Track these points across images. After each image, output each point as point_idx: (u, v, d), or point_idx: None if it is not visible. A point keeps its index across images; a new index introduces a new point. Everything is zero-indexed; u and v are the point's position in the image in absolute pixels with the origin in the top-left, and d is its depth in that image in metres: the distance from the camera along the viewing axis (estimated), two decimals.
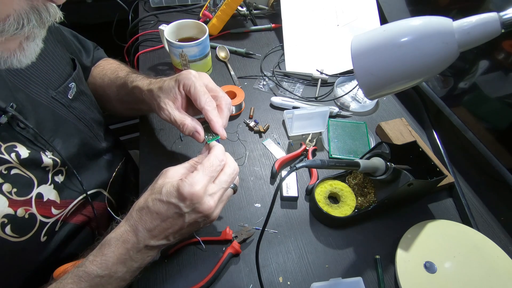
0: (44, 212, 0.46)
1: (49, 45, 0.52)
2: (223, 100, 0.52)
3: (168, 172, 0.43)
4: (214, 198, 0.41)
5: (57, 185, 0.49)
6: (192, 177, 0.40)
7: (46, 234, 0.47)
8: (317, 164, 0.42)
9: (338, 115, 0.75)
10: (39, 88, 0.48)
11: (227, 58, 0.89)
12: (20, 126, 0.44)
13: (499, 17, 0.35)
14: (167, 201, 0.39)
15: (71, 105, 0.54)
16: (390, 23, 0.40)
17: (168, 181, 0.41)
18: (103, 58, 0.74)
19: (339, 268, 0.52)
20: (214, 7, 0.93)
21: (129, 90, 0.59)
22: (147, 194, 0.42)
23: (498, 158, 0.59)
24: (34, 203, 0.44)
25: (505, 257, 0.51)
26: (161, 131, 0.71)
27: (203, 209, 0.40)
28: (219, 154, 0.44)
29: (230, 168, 0.44)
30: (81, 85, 0.58)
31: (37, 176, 0.45)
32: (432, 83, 0.75)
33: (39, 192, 0.45)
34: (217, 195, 0.42)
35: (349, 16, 0.89)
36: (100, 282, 0.39)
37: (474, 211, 0.59)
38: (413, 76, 0.40)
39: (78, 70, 0.57)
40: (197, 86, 0.50)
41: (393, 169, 0.51)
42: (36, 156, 0.45)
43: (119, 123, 1.48)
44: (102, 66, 0.71)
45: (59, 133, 0.50)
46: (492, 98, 0.62)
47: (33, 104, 0.47)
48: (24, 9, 0.32)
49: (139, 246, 0.40)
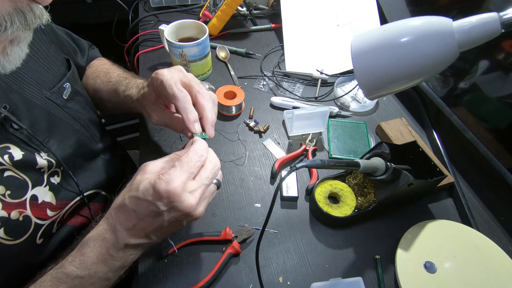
0: (39, 214, 0.46)
1: (42, 45, 0.51)
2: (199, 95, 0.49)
3: (146, 167, 0.41)
4: (194, 195, 0.38)
5: (52, 187, 0.48)
6: (169, 174, 0.37)
7: (42, 236, 0.47)
8: (317, 164, 0.42)
9: (338, 115, 0.75)
10: (33, 89, 0.48)
11: (227, 58, 0.89)
12: (13, 127, 0.43)
13: (499, 17, 0.35)
14: (144, 199, 0.37)
15: (66, 105, 0.54)
16: (390, 23, 0.40)
17: (146, 177, 0.39)
18: (97, 57, 0.73)
19: (339, 268, 0.52)
20: (214, 7, 0.93)
21: (122, 99, 0.60)
22: (125, 191, 0.40)
23: (498, 158, 0.59)
24: (28, 205, 0.44)
25: (505, 257, 0.51)
26: (161, 131, 0.71)
27: (182, 208, 0.37)
28: (198, 149, 0.41)
29: (211, 163, 0.42)
30: (76, 85, 0.57)
31: (32, 178, 0.45)
32: (432, 83, 0.75)
33: (34, 194, 0.45)
34: (198, 192, 0.39)
35: (349, 16, 0.89)
36: (80, 283, 0.38)
37: (474, 211, 0.59)
38: (413, 76, 0.40)
39: (73, 70, 0.57)
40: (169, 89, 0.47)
41: (393, 169, 0.51)
42: (30, 158, 0.44)
43: (119, 123, 1.48)
44: (95, 66, 0.70)
45: (54, 133, 0.50)
46: (492, 98, 0.62)
47: (28, 105, 0.46)
48: (7, 11, 0.30)
49: (118, 245, 0.38)
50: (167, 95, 0.48)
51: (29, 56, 0.47)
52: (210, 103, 0.50)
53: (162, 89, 0.48)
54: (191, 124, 0.47)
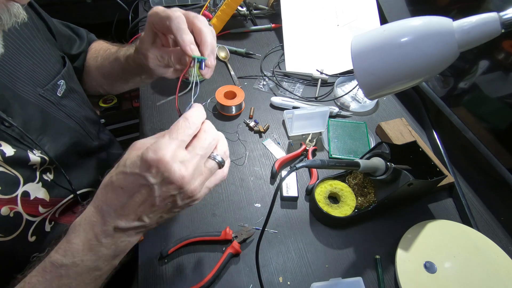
0: (30, 210, 0.45)
1: (36, 43, 0.51)
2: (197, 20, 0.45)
3: (136, 144, 0.37)
4: (186, 166, 0.34)
5: (46, 183, 0.48)
6: (156, 143, 0.34)
7: (35, 233, 0.47)
8: (317, 164, 0.42)
9: (338, 115, 0.75)
10: (26, 86, 0.48)
11: (227, 58, 0.89)
12: (4, 124, 0.43)
13: (499, 17, 0.35)
14: (131, 172, 0.33)
15: (61, 102, 0.53)
16: (390, 23, 0.40)
17: (134, 152, 0.35)
18: (96, 40, 0.73)
19: (339, 268, 0.52)
20: (214, 7, 0.93)
21: (123, 64, 0.58)
22: (113, 170, 0.36)
23: (498, 158, 0.59)
24: (20, 202, 0.44)
25: (505, 257, 0.51)
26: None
27: (173, 178, 0.33)
28: (190, 116, 0.36)
29: (206, 133, 0.37)
30: (72, 82, 0.57)
31: (23, 174, 0.45)
32: (432, 83, 0.75)
33: (25, 190, 0.45)
34: (191, 163, 0.34)
35: (349, 16, 0.89)
36: (66, 273, 0.35)
37: (474, 211, 0.59)
38: (413, 76, 0.40)
39: (68, 68, 0.56)
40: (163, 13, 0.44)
41: (393, 169, 0.51)
42: (22, 155, 0.44)
43: (119, 123, 1.48)
44: (95, 47, 0.70)
45: (47, 131, 0.49)
46: (492, 98, 0.62)
47: (21, 102, 0.46)
48: None
49: (107, 229, 0.35)
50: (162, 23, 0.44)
51: (22, 53, 0.47)
52: (209, 29, 0.45)
53: (158, 19, 0.45)
54: (187, 46, 0.42)
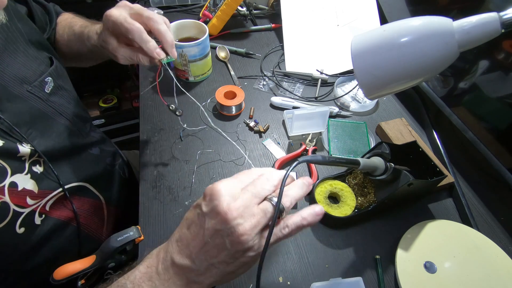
0: (18, 201, 0.46)
1: (20, 46, 0.52)
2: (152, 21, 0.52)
3: None
4: (236, 200, 0.33)
5: (35, 175, 0.49)
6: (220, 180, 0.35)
7: (23, 225, 0.47)
8: (318, 159, 0.42)
9: (338, 115, 0.75)
10: (14, 82, 0.49)
11: (227, 58, 0.89)
12: None
13: (499, 17, 0.35)
14: (194, 204, 0.36)
15: (49, 99, 0.54)
16: (390, 23, 0.40)
17: None
18: (60, 13, 0.73)
19: (339, 268, 0.52)
20: (214, 7, 0.93)
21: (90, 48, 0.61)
22: None
23: (498, 158, 0.59)
24: (7, 192, 0.44)
25: (505, 257, 0.51)
26: (161, 131, 0.71)
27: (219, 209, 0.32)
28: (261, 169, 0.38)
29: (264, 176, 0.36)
30: (60, 80, 0.58)
31: (12, 165, 0.45)
32: (432, 83, 0.75)
33: (13, 181, 0.45)
34: (241, 199, 0.33)
35: (349, 16, 0.89)
36: None
37: (474, 211, 0.59)
38: (413, 76, 0.40)
39: (55, 66, 0.57)
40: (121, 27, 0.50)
41: (393, 169, 0.51)
42: (11, 146, 0.45)
43: (119, 123, 1.48)
44: (60, 23, 0.70)
45: (36, 125, 0.50)
46: (492, 98, 0.62)
47: (10, 97, 0.47)
48: None
49: (166, 260, 0.35)
50: (122, 33, 0.51)
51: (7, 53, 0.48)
52: (164, 26, 0.52)
53: (116, 28, 0.51)
54: (153, 53, 0.51)
